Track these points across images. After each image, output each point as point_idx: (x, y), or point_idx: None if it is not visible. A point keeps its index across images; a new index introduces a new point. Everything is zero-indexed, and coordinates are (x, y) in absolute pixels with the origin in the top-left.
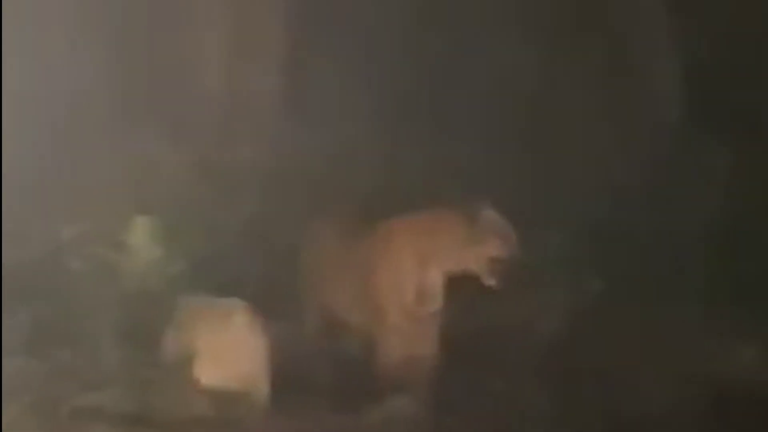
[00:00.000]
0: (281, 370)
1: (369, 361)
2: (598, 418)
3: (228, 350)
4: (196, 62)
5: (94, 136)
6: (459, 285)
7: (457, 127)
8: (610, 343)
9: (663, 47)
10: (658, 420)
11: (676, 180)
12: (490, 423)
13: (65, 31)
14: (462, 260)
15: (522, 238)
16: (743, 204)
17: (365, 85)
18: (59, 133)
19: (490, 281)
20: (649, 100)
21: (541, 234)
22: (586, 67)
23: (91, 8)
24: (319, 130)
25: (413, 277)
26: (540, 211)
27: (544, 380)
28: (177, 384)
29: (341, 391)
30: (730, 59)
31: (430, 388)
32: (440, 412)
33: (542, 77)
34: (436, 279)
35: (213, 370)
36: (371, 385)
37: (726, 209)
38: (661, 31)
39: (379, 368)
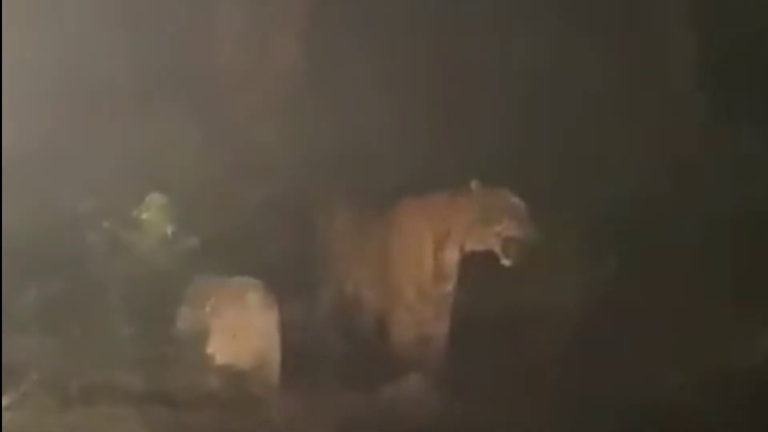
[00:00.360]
0: (294, 348)
1: (382, 340)
2: (613, 400)
3: (241, 328)
4: (215, 38)
5: (112, 111)
6: (474, 265)
7: (477, 108)
8: (626, 324)
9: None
10: (673, 404)
11: (698, 163)
12: (503, 403)
13: (84, 6)
14: (478, 239)
15: (538, 219)
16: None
17: (387, 64)
18: (78, 109)
19: (506, 261)
20: (671, 79)
21: (558, 216)
22: (603, 47)
23: None
24: (339, 108)
25: (429, 255)
26: (558, 192)
27: (558, 360)
28: (190, 361)
29: (354, 369)
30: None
31: (443, 368)
32: (452, 391)
33: (559, 58)
34: (452, 258)
35: (226, 347)
36: (384, 363)
37: (748, 195)
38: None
39: (392, 347)
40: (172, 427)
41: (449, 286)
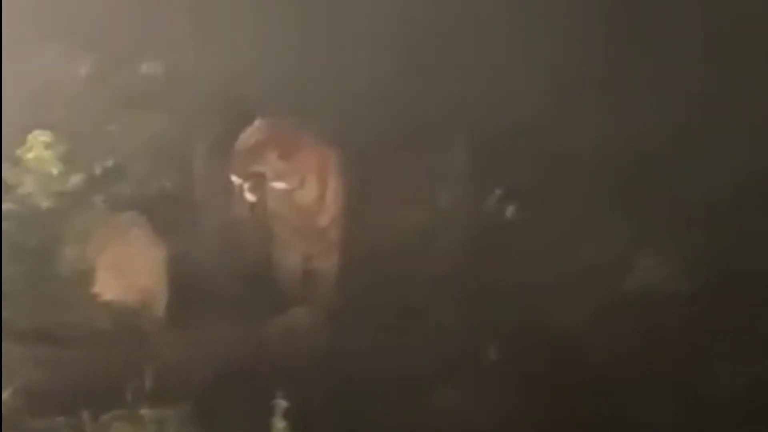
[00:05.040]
0: (181, 283)
1: (268, 275)
2: (498, 329)
3: (127, 264)
4: None
5: None
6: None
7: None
8: (515, 253)
9: None
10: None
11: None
12: (392, 333)
13: None
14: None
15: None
16: None
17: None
18: None
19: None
20: None
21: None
22: None
23: None
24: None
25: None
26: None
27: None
28: (77, 298)
29: (241, 303)
30: None
31: (330, 301)
32: (339, 324)
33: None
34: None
35: (113, 284)
36: (270, 298)
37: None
38: None
39: (277, 281)
40: (59, 364)
41: (322, 221)
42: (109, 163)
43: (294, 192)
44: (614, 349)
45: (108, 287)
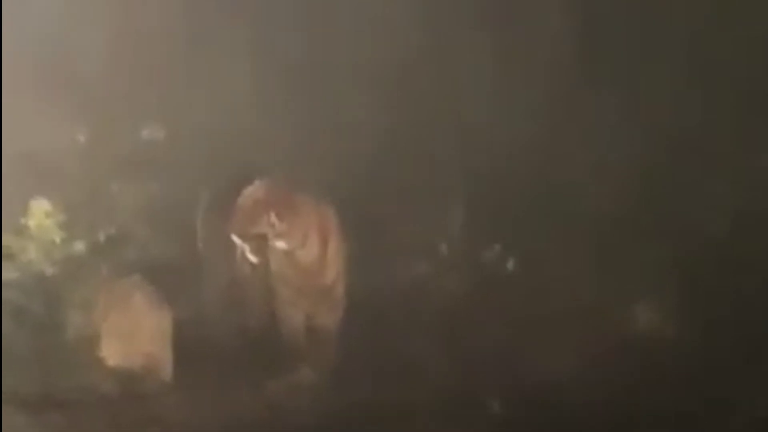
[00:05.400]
0: (186, 346)
1: (272, 334)
2: (499, 380)
3: (132, 329)
4: (91, 39)
5: None
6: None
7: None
8: (511, 303)
9: None
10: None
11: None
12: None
13: None
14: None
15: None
16: None
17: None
18: None
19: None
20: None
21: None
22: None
23: None
24: (223, 107)
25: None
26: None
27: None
28: (82, 364)
29: (246, 363)
30: None
31: (332, 357)
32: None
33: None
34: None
35: (118, 349)
36: (274, 357)
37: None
38: None
39: (281, 341)
40: (65, 430)
41: (325, 279)
42: (112, 230)
43: (295, 251)
44: (614, 396)
45: (113, 352)
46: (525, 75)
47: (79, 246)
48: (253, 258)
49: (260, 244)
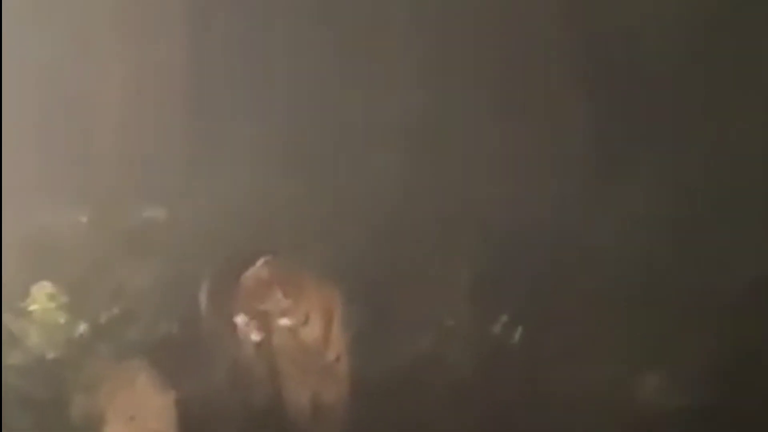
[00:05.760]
0: (190, 426)
1: (277, 412)
2: None
3: (136, 410)
4: (92, 121)
5: None
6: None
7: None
8: (523, 375)
9: None
10: None
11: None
12: None
13: None
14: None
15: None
16: None
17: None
18: None
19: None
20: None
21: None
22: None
23: None
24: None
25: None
26: None
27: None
28: None
29: None
30: None
31: None
32: None
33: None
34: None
35: (123, 430)
36: None
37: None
38: None
39: (287, 418)
40: None
41: (328, 357)
42: (114, 311)
43: (299, 329)
44: None
45: None
46: (532, 147)
47: (82, 327)
48: (256, 335)
49: (264, 321)
